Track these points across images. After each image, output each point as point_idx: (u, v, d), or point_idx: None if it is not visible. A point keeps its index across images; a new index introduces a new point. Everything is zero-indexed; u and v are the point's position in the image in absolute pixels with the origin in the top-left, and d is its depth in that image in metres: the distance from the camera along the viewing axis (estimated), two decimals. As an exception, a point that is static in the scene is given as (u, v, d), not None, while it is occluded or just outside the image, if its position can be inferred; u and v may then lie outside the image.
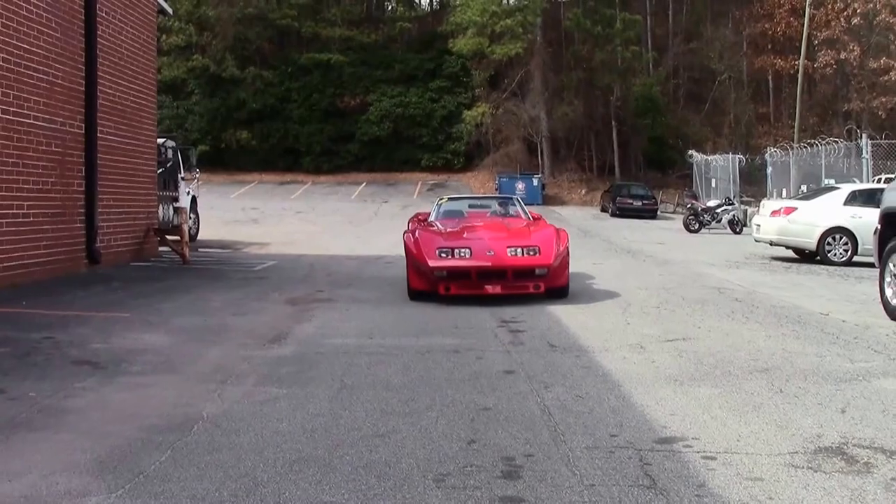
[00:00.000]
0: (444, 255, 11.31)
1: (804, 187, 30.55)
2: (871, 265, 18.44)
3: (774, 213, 20.44)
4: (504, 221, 13.72)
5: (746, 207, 35.87)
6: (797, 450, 5.07)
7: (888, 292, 10.56)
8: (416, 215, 15.65)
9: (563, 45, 57.48)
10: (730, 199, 34.62)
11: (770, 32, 56.48)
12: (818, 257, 19.33)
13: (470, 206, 16.02)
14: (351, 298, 11.82)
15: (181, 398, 6.08)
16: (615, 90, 55.09)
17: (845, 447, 5.13)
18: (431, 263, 11.21)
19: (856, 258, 19.06)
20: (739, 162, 39.30)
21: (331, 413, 5.74)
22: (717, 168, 42.41)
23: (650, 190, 45.71)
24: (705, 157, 45.03)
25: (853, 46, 50.93)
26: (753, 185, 41.17)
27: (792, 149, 33.04)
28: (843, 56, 50.99)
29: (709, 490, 4.35)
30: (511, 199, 16.04)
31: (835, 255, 19.18)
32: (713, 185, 42.20)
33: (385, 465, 4.65)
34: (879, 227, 11.03)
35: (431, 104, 57.95)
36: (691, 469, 4.68)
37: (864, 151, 25.94)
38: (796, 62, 48.84)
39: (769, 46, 57.47)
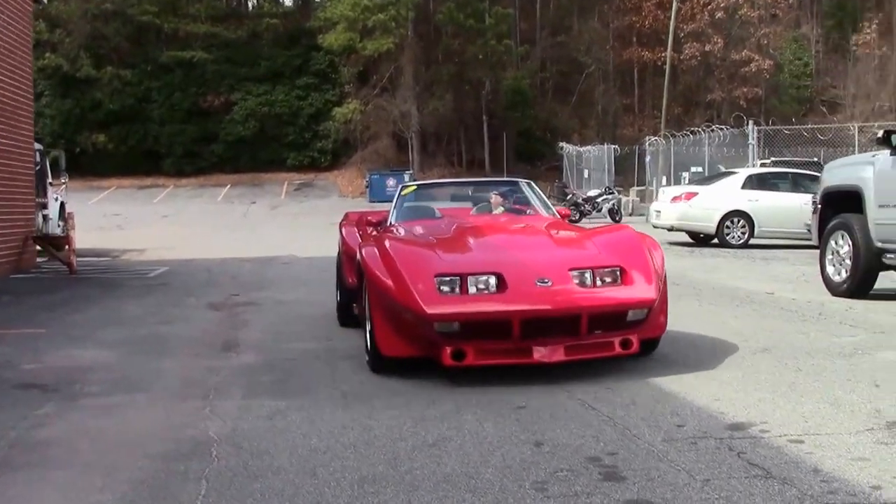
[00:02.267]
0: (449, 288, 6.09)
1: (686, 174, 31.06)
2: (767, 247, 19.04)
3: (675, 198, 20.63)
4: (529, 221, 8.19)
5: (621, 197, 36.28)
6: (870, 426, 4.84)
7: (829, 269, 10.68)
8: (354, 217, 9.57)
9: (434, 39, 57.16)
10: (609, 189, 34.89)
11: (637, 25, 57.57)
12: (716, 240, 19.54)
13: (453, 198, 10.01)
14: (275, 301, 11.17)
15: (172, 419, 5.43)
16: (486, 84, 55.13)
17: (913, 422, 4.93)
18: (431, 310, 5.85)
19: (752, 240, 19.40)
20: (614, 152, 39.76)
21: (357, 423, 5.21)
22: (590, 159, 42.86)
23: None
24: (578, 148, 45.46)
25: (717, 39, 52.42)
26: (620, 174, 41.69)
27: (674, 137, 33.50)
28: (707, 48, 52.36)
29: (830, 475, 4.04)
30: (517, 183, 9.62)
31: (733, 237, 19.51)
32: (586, 175, 42.61)
33: (466, 477, 4.16)
34: (819, 206, 11.11)
35: (298, 102, 56.65)
36: (791, 454, 4.37)
37: (750, 137, 26.44)
38: (662, 54, 49.94)
39: (635, 39, 58.52)
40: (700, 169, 30.72)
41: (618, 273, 6.32)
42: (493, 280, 6.13)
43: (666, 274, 6.72)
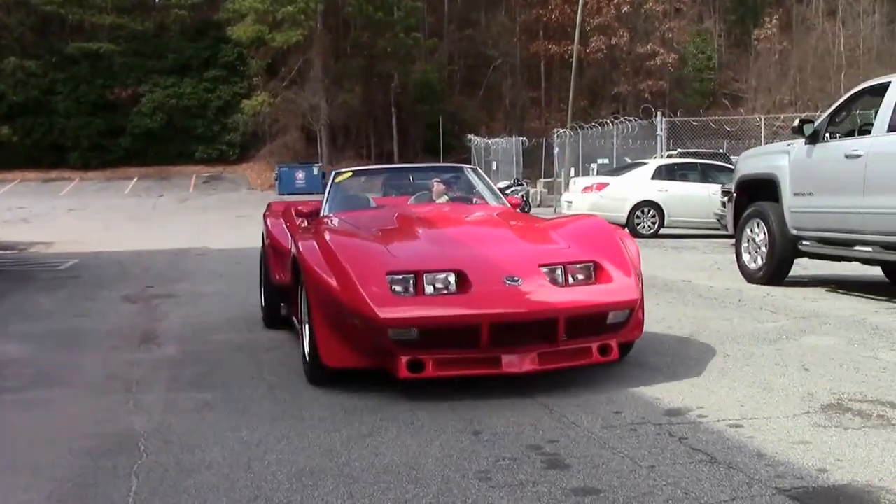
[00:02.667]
0: (402, 288, 5.29)
1: (594, 165, 31.34)
2: (677, 236, 19.31)
3: (587, 188, 20.81)
4: (481, 210, 7.50)
5: (529, 188, 36.47)
6: (806, 410, 4.87)
7: (745, 257, 10.79)
8: (279, 207, 8.69)
9: (343, 32, 56.78)
10: (518, 181, 35.07)
11: (544, 19, 57.94)
12: (625, 229, 19.70)
13: (390, 187, 8.59)
14: (192, 293, 10.89)
15: (95, 414, 5.22)
16: (395, 77, 55.11)
17: (846, 403, 4.99)
18: (385, 314, 5.07)
19: (662, 230, 19.67)
20: (522, 144, 39.95)
21: (287, 414, 5.08)
22: (498, 151, 43.02)
23: None
24: (486, 140, 45.59)
25: (622, 33, 53.07)
26: (528, 166, 41.93)
27: (582, 129, 33.76)
28: (613, 42, 52.98)
29: (774, 459, 4.04)
30: (462, 169, 8.77)
31: (643, 227, 19.74)
32: (494, 167, 42.73)
33: (407, 468, 4.05)
34: (735, 195, 11.23)
35: (207, 94, 55.83)
36: (732, 439, 4.36)
37: (658, 129, 26.75)
38: (569, 48, 50.15)
39: (542, 33, 58.88)
40: (607, 161, 31.05)
41: (591, 269, 5.60)
42: (452, 278, 5.31)
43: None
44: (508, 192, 32.61)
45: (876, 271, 10.74)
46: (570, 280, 5.50)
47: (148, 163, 54.23)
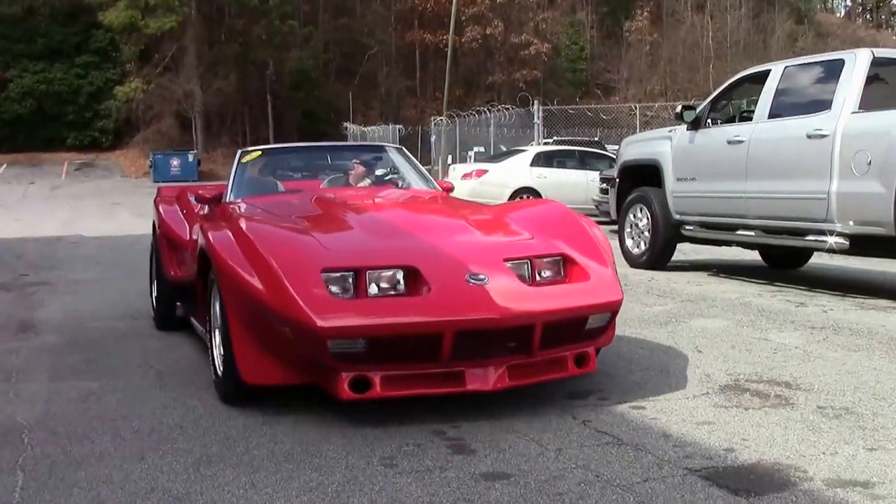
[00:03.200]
0: (339, 289, 4.38)
1: (471, 153, 31.43)
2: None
3: (466, 175, 20.74)
4: (416, 195, 6.54)
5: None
6: (705, 391, 4.90)
7: (629, 242, 10.91)
8: (172, 192, 7.87)
9: (218, 18, 55.70)
10: (395, 168, 34.95)
11: (419, 8, 57.90)
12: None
13: (302, 169, 7.53)
14: (70, 280, 10.46)
15: (-29, 404, 4.91)
16: (270, 65, 54.31)
17: (743, 384, 5.04)
18: (325, 321, 4.13)
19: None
20: (399, 132, 39.89)
21: (179, 403, 4.88)
22: (374, 139, 42.78)
23: None
24: (362, 128, 45.38)
25: (497, 23, 53.38)
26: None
27: (459, 117, 33.83)
28: (488, 32, 53.24)
29: (680, 440, 4.03)
30: (385, 149, 7.92)
31: (522, 214, 19.69)
32: (289, 167, 42.36)
33: (308, 455, 3.92)
34: (618, 180, 11.33)
35: (78, 80, 53.96)
36: (636, 421, 4.34)
37: (535, 117, 26.95)
38: (444, 37, 50.30)
39: (417, 22, 58.87)
40: (483, 149, 31.16)
41: (561, 264, 4.77)
42: (401, 276, 4.39)
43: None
44: (387, 179, 32.51)
45: (754, 255, 10.99)
46: (538, 277, 4.68)
47: (18, 149, 52.14)
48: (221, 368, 4.81)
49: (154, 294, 7.42)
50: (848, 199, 7.87)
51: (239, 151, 7.08)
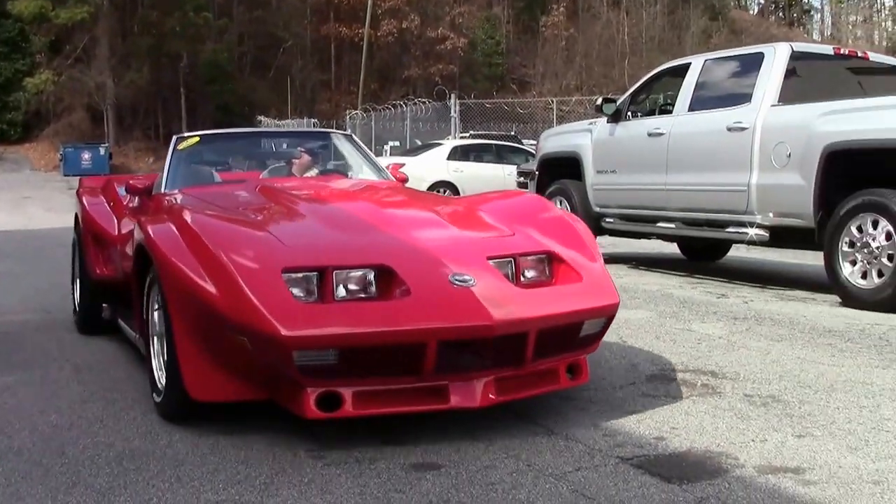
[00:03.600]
0: (303, 291, 3.79)
1: (387, 147, 31.36)
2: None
3: (384, 169, 20.68)
4: (373, 185, 5.97)
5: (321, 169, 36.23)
6: (632, 381, 4.90)
7: (551, 234, 10.83)
8: (97, 182, 7.26)
9: (131, 10, 54.72)
10: (342, 157, 34.75)
11: (335, 1, 57.60)
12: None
13: (240, 157, 6.80)
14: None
15: None
16: (184, 57, 53.54)
17: (669, 374, 5.05)
18: (291, 329, 3.54)
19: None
20: (314, 125, 39.64)
21: (97, 396, 4.72)
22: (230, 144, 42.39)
23: None
24: (276, 121, 45.03)
25: (413, 16, 53.32)
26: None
27: (375, 110, 33.72)
28: (404, 25, 53.14)
29: (611, 429, 4.03)
30: (331, 136, 7.25)
31: (439, 207, 19.74)
32: (285, 148, 42.08)
33: (234, 448, 3.83)
34: (537, 173, 11.34)
35: (-14, 71, 52.73)
36: (565, 411, 4.33)
37: (452, 110, 26.96)
38: (360, 30, 50.19)
39: (333, 15, 58.57)
40: (398, 143, 31.11)
41: (547, 262, 4.26)
42: (372, 277, 3.85)
43: None
44: (333, 169, 32.17)
45: (673, 248, 11.10)
46: (522, 278, 4.16)
47: (-78, 141, 50.77)
48: (163, 382, 4.18)
49: (76, 294, 6.71)
50: (768, 192, 7.97)
51: (175, 137, 6.38)
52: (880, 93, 7.83)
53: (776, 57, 8.27)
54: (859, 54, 9.19)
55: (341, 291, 3.79)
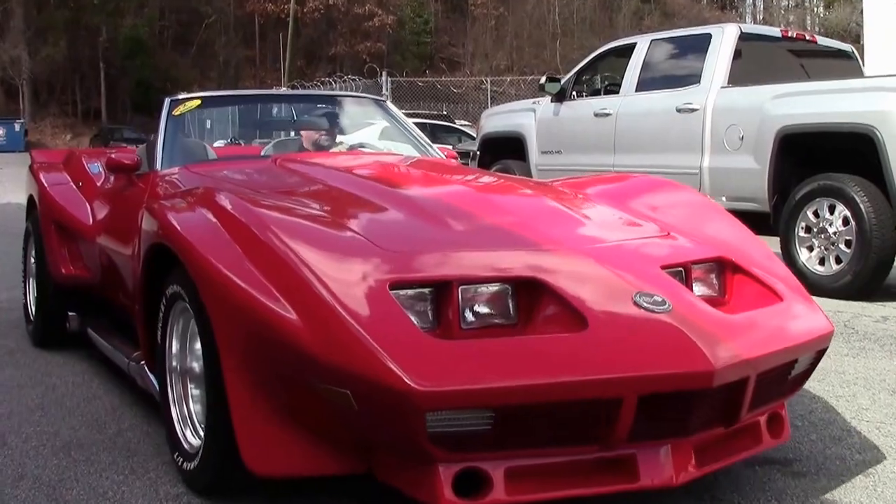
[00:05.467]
0: (419, 318, 2.58)
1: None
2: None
3: (316, 149, 20.32)
4: (443, 164, 4.75)
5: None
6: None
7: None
8: (56, 156, 6.01)
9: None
10: (235, 139, 34.02)
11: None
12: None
13: (260, 126, 6.07)
14: None
15: None
16: (103, 31, 52.40)
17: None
18: (423, 382, 2.30)
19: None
20: (240, 102, 38.92)
21: (36, 381, 4.46)
22: (212, 110, 41.49)
23: (142, 133, 44.03)
24: (199, 99, 44.18)
25: (340, -8, 52.84)
26: (243, 126, 40.82)
27: (303, 87, 33.15)
28: (330, 2, 52.59)
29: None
30: (365, 102, 6.02)
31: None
32: (208, 125, 41.22)
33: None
34: (478, 153, 11.13)
35: None
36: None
37: (384, 88, 26.60)
38: (286, 6, 49.46)
39: (258, -11, 57.74)
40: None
41: (718, 273, 3.18)
42: (510, 294, 2.72)
43: None
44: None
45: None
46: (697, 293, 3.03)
47: None
48: (203, 443, 2.94)
49: (31, 299, 5.51)
50: (721, 175, 7.84)
51: (167, 100, 4.94)
52: (826, 77, 7.79)
53: (724, 38, 8.16)
54: (807, 37, 9.15)
55: (468, 315, 2.68)
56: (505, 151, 10.48)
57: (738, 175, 7.67)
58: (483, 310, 2.67)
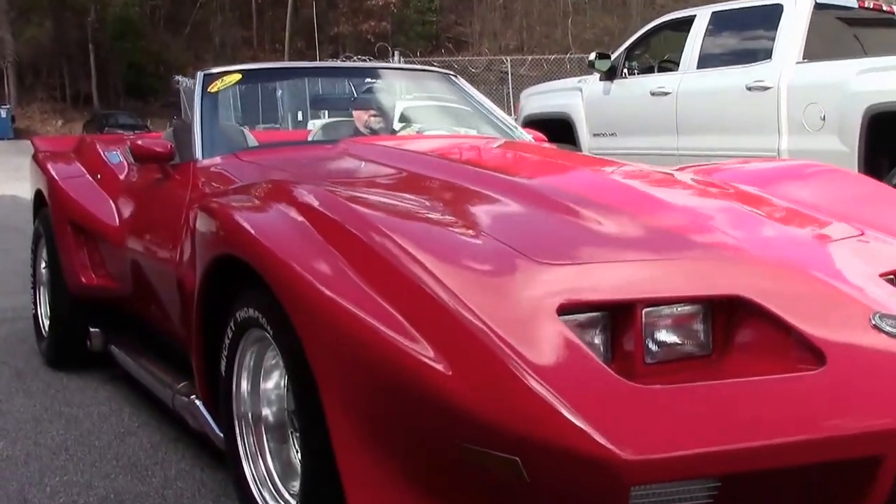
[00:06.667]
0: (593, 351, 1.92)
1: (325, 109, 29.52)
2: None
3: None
4: (547, 151, 4.11)
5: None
6: None
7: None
8: (66, 143, 5.44)
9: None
10: (241, 123, 32.68)
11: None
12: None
13: (326, 104, 5.93)
14: None
15: None
16: (91, 12, 51.44)
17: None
18: (628, 448, 1.69)
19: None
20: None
21: (55, 413, 3.85)
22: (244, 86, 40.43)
23: (139, 119, 42.82)
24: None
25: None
26: (245, 110, 39.50)
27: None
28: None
29: None
30: (435, 76, 5.03)
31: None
32: (239, 106, 40.11)
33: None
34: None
35: None
36: None
37: (395, 68, 24.97)
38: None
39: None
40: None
41: None
42: (701, 317, 2.10)
43: None
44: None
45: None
46: None
47: None
48: None
49: (42, 311, 4.89)
50: (803, 157, 7.08)
51: (200, 75, 4.14)
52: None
53: (798, 8, 7.73)
54: (885, 7, 8.61)
55: (651, 344, 2.03)
56: (549, 134, 8.93)
57: (821, 158, 6.70)
58: (669, 338, 2.05)
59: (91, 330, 4.30)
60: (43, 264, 4.88)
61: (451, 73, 4.93)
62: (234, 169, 3.53)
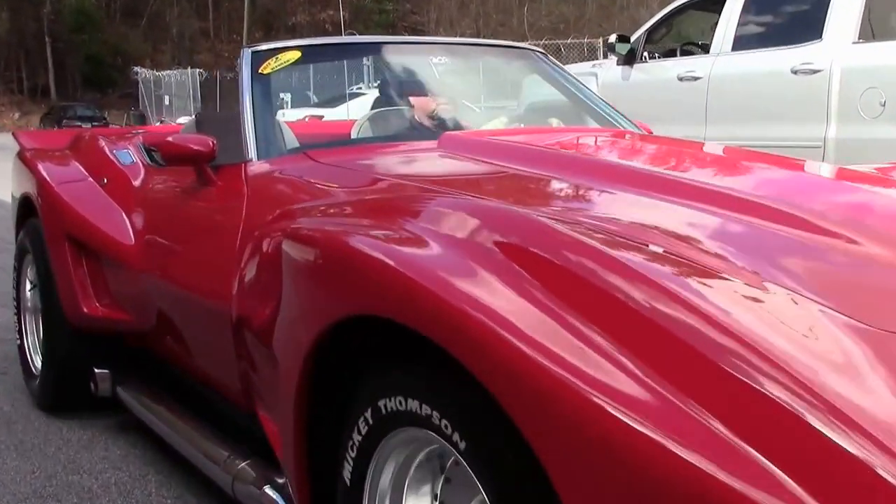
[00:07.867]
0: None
1: (287, 97, 29.48)
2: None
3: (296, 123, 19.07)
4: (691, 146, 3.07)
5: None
6: None
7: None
8: (57, 140, 4.34)
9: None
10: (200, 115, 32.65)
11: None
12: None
13: (406, 85, 3.81)
14: None
15: None
16: (47, 3, 50.97)
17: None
18: None
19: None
20: (200, 76, 37.30)
21: (54, 461, 3.16)
22: (171, 84, 40.06)
23: (97, 110, 42.52)
24: (156, 73, 42.61)
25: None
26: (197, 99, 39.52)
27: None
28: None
29: None
30: (520, 54, 4.07)
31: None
32: (167, 102, 39.84)
33: None
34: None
35: None
36: None
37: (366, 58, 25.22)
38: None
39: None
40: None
41: None
42: None
43: None
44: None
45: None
46: None
47: None
48: None
49: (31, 343, 4.01)
50: (854, 147, 6.76)
51: (247, 52, 3.11)
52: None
53: None
54: None
55: None
56: (561, 121, 9.13)
57: (879, 147, 6.58)
58: None
59: (97, 371, 3.44)
60: (29, 286, 4.02)
61: (539, 49, 4.16)
62: (311, 174, 2.63)
